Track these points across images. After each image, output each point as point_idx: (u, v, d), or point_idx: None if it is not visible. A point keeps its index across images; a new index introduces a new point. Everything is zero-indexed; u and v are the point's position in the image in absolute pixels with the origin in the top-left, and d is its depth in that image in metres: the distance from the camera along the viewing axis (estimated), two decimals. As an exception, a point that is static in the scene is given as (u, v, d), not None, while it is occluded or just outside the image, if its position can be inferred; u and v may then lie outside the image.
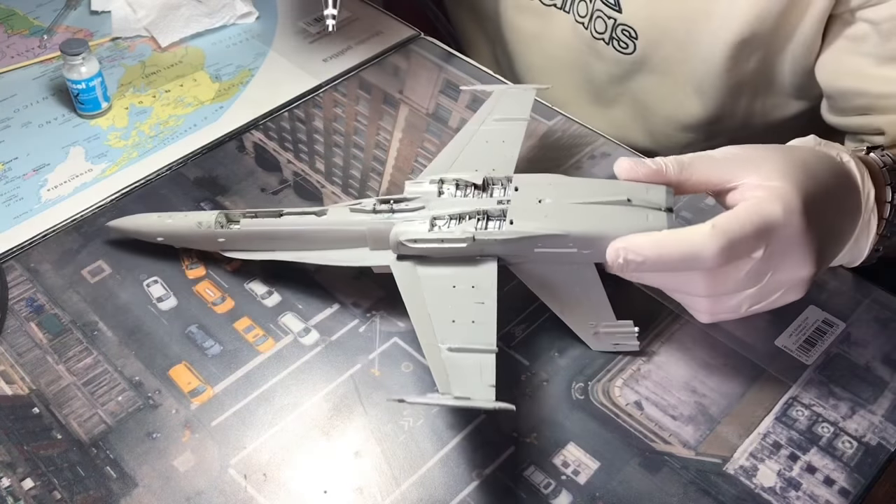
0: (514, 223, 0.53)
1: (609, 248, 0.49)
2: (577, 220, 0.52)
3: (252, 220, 0.59)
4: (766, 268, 0.49)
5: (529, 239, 0.52)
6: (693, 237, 0.48)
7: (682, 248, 0.48)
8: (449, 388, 0.48)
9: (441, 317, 0.52)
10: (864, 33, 0.66)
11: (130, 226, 0.63)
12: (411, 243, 0.54)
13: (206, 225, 0.60)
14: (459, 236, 0.53)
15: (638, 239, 0.49)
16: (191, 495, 0.52)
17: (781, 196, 0.48)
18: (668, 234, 0.49)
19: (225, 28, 0.85)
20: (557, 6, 0.81)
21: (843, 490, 0.52)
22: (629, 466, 0.53)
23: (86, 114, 0.75)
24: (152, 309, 0.61)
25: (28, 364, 0.58)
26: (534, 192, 0.54)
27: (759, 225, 0.47)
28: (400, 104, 0.78)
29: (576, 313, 0.57)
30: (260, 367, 0.58)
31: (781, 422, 0.56)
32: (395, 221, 0.55)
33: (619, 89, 0.83)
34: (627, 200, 0.52)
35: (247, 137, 0.74)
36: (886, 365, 0.59)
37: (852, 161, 0.55)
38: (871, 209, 0.56)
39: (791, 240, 0.49)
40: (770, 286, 0.50)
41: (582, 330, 0.58)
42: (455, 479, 0.53)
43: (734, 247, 0.47)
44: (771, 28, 0.69)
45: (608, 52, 0.79)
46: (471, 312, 0.52)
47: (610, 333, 0.57)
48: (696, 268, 0.48)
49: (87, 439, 0.54)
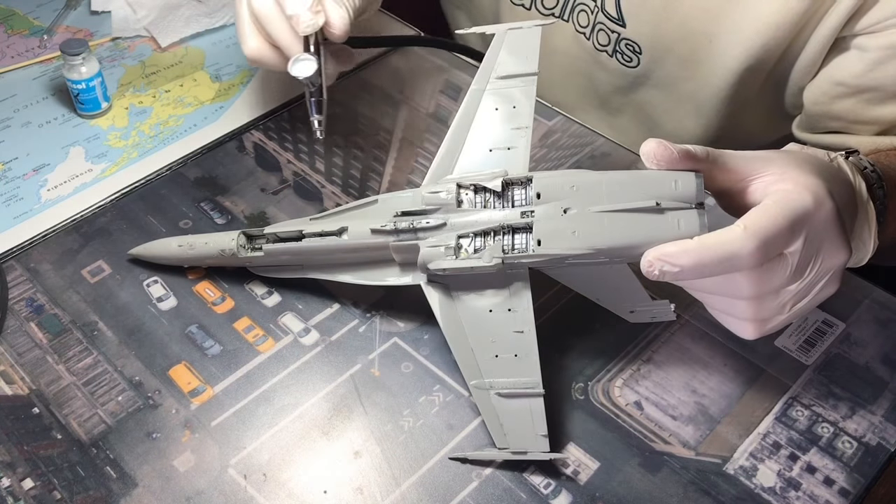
0: (542, 243, 0.51)
1: (643, 261, 0.48)
2: (606, 234, 0.50)
3: (274, 247, 0.58)
4: (808, 257, 0.48)
5: (559, 258, 0.51)
6: (727, 241, 0.46)
7: (717, 253, 0.46)
8: (506, 442, 0.52)
9: (484, 353, 0.53)
10: (852, 61, 0.67)
11: (151, 253, 0.63)
12: (440, 271, 0.54)
13: (229, 252, 0.60)
14: (488, 262, 0.52)
15: (671, 249, 0.47)
16: (191, 495, 0.52)
17: (807, 186, 0.48)
18: (701, 240, 0.47)
19: (225, 28, 0.85)
20: (556, 15, 0.81)
21: (842, 490, 0.52)
22: (629, 466, 0.53)
23: (86, 114, 0.75)
24: (152, 309, 0.61)
25: (28, 364, 0.58)
26: (557, 199, 0.51)
27: (791, 217, 0.47)
28: (400, 104, 0.78)
29: (611, 300, 0.56)
30: (260, 367, 0.58)
31: (781, 422, 0.56)
32: (418, 243, 0.54)
33: (623, 99, 0.83)
34: (657, 205, 0.49)
35: (247, 137, 0.74)
36: (886, 365, 0.59)
37: (840, 158, 0.56)
38: (865, 203, 0.56)
39: (826, 224, 0.48)
40: (812, 277, 0.49)
41: (619, 310, 0.56)
42: (455, 479, 0.53)
43: (769, 243, 0.46)
44: (777, 56, 0.70)
45: (612, 64, 0.79)
46: (512, 345, 0.53)
47: (646, 310, 0.56)
48: (735, 270, 0.47)
49: (87, 439, 0.54)
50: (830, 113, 0.70)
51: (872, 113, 0.68)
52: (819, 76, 0.70)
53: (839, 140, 0.70)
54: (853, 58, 0.66)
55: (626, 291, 0.55)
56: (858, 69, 0.66)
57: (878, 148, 0.67)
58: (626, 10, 0.75)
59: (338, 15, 0.62)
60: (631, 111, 0.84)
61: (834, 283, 0.50)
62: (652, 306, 0.55)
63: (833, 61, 0.68)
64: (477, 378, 0.53)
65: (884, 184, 0.58)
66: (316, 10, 0.61)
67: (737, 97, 0.74)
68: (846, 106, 0.68)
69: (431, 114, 0.77)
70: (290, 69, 0.61)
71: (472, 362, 0.53)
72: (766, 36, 0.68)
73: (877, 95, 0.67)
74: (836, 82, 0.68)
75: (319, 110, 0.62)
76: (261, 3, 0.62)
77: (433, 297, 0.55)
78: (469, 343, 0.54)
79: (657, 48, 0.75)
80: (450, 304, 0.55)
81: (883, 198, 0.57)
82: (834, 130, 0.71)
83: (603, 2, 0.76)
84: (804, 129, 0.74)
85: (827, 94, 0.69)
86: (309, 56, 0.61)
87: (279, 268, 0.61)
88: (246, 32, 0.64)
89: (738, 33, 0.69)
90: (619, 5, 0.75)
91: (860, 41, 0.66)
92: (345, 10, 0.62)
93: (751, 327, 0.51)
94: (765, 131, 0.79)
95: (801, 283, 0.49)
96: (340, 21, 0.62)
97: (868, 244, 0.57)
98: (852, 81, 0.67)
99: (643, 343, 0.60)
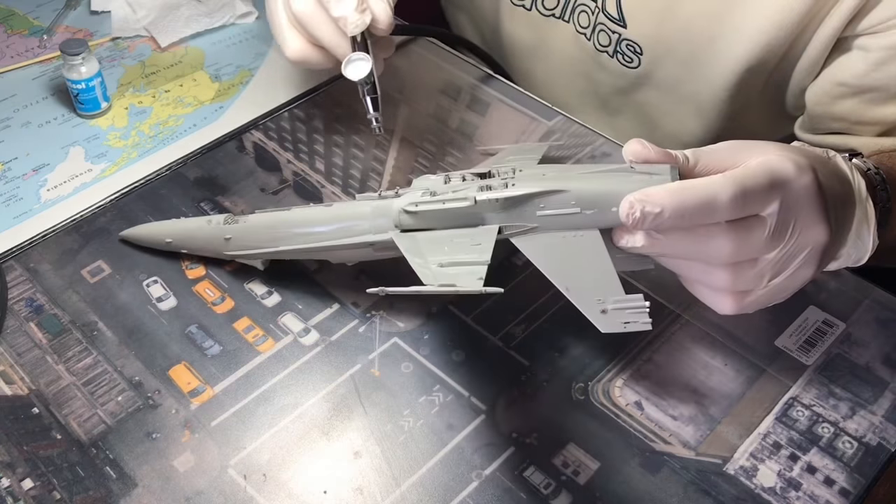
0: (515, 186, 0.52)
1: (623, 203, 0.47)
2: (579, 180, 0.51)
3: (257, 215, 0.60)
4: (786, 222, 0.48)
5: (530, 198, 0.51)
6: (708, 183, 0.47)
7: (698, 194, 0.47)
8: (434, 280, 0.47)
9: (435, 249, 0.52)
10: (854, 61, 0.67)
11: (141, 233, 0.64)
12: (412, 207, 0.53)
13: (214, 222, 0.60)
14: (461, 197, 0.52)
15: (654, 189, 0.47)
16: (190, 495, 0.52)
17: (790, 157, 0.49)
18: (682, 183, 0.48)
19: (225, 28, 0.85)
20: (556, 16, 0.81)
21: (843, 490, 0.52)
22: (629, 466, 0.53)
23: (85, 114, 0.75)
24: (152, 309, 0.61)
25: (28, 364, 0.58)
26: (537, 170, 0.53)
27: (770, 176, 0.48)
28: (400, 104, 0.78)
29: (582, 287, 0.53)
30: (260, 367, 0.58)
31: (781, 422, 0.56)
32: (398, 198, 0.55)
33: (624, 100, 0.83)
34: (630, 168, 0.50)
35: (247, 137, 0.74)
36: (886, 365, 0.59)
37: (838, 157, 0.56)
38: (864, 201, 0.56)
39: (806, 193, 0.49)
40: (790, 249, 0.49)
41: (589, 308, 0.52)
42: (455, 479, 0.53)
43: (748, 192, 0.47)
44: (779, 56, 0.69)
45: (612, 65, 0.79)
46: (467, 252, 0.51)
47: (619, 310, 0.52)
48: (714, 217, 0.47)
49: (87, 439, 0.54)
50: (832, 113, 0.70)
51: (874, 113, 0.68)
52: (821, 76, 0.70)
53: (841, 141, 0.70)
54: (855, 58, 0.66)
55: (599, 276, 0.52)
56: (860, 69, 0.66)
57: (880, 149, 0.67)
58: (627, 10, 0.75)
59: (382, 10, 0.62)
60: (631, 112, 0.84)
61: (812, 265, 0.50)
62: (625, 303, 0.52)
63: (835, 62, 0.68)
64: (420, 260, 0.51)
65: (887, 186, 0.58)
66: (362, 8, 0.61)
67: (738, 98, 0.74)
68: (848, 106, 0.68)
69: (431, 114, 0.77)
70: (345, 72, 0.61)
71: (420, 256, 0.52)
72: (768, 36, 0.68)
73: (879, 95, 0.67)
74: (838, 82, 0.68)
75: (376, 107, 0.62)
76: (302, 5, 0.62)
77: (402, 242, 0.54)
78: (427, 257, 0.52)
79: (658, 49, 0.75)
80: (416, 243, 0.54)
81: (886, 200, 0.57)
82: (836, 131, 0.71)
83: (604, 2, 0.76)
84: (806, 129, 0.74)
85: (829, 95, 0.69)
86: (361, 55, 0.61)
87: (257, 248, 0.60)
88: (286, 35, 0.64)
89: (740, 34, 0.69)
90: (620, 6, 0.75)
91: (862, 41, 0.66)
92: (386, 3, 0.62)
93: (728, 300, 0.51)
94: (766, 132, 0.79)
95: (778, 251, 0.49)
96: (385, 15, 0.62)
97: (867, 242, 0.57)
98: (854, 81, 0.67)
99: (643, 343, 0.60)
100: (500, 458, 0.54)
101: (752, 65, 0.70)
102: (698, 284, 0.52)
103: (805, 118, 0.74)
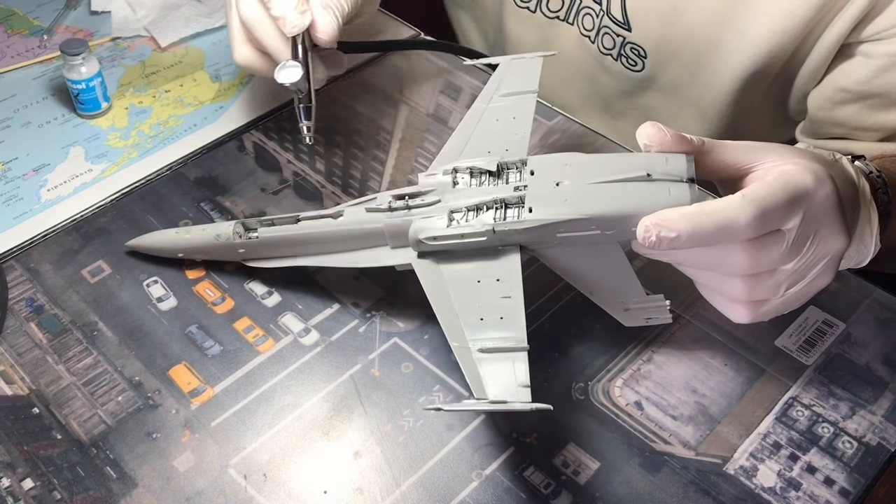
0: (532, 211, 0.51)
1: (640, 226, 0.47)
2: (597, 201, 0.50)
3: (270, 229, 0.59)
4: (805, 235, 0.48)
5: (550, 226, 0.51)
6: (726, 207, 0.46)
7: (715, 219, 0.46)
8: (484, 393, 0.47)
9: (469, 316, 0.51)
10: (856, 67, 0.67)
11: (149, 243, 0.63)
12: (431, 241, 0.53)
13: (224, 237, 0.60)
14: (479, 230, 0.52)
15: (669, 214, 0.47)
16: (191, 495, 0.52)
17: (808, 167, 0.48)
18: (699, 206, 0.47)
19: (225, 28, 0.85)
20: (561, 18, 0.81)
21: (843, 490, 0.52)
22: (629, 466, 0.53)
23: (86, 114, 0.75)
24: (152, 309, 0.61)
25: (28, 364, 0.58)
26: (550, 174, 0.52)
27: (791, 193, 0.46)
28: (400, 104, 0.78)
29: (604, 293, 0.55)
30: (260, 367, 0.58)
31: (781, 422, 0.56)
32: (412, 218, 0.54)
33: (627, 103, 0.83)
34: (647, 175, 0.50)
35: (247, 137, 0.74)
36: (886, 365, 0.59)
37: (844, 159, 0.56)
38: (868, 203, 0.56)
39: (826, 205, 0.48)
40: (808, 260, 0.48)
41: (612, 308, 0.55)
42: (455, 479, 0.53)
43: (767, 213, 0.46)
44: (782, 62, 0.70)
45: (616, 68, 0.79)
46: (498, 309, 0.51)
47: (641, 308, 0.55)
48: (731, 240, 0.47)
49: (87, 439, 0.54)
50: (833, 119, 0.70)
51: (875, 119, 0.68)
52: (823, 82, 0.70)
53: (843, 146, 0.70)
54: (858, 64, 0.66)
55: (621, 282, 0.54)
56: (863, 75, 0.66)
57: (883, 153, 0.67)
58: (631, 14, 0.75)
59: (325, 20, 0.61)
60: (634, 115, 0.84)
61: (829, 272, 0.50)
62: (647, 303, 0.54)
63: (838, 67, 0.68)
64: (459, 340, 0.51)
65: (888, 189, 0.58)
66: (301, 10, 0.60)
67: (741, 102, 0.74)
68: (849, 112, 0.68)
69: (431, 114, 0.77)
70: (276, 76, 0.61)
71: (455, 325, 0.51)
72: (772, 42, 0.68)
73: (880, 102, 0.67)
74: (841, 88, 0.68)
75: (308, 116, 0.62)
76: (248, 10, 0.62)
77: (422, 270, 0.54)
78: (455, 308, 0.52)
79: (662, 52, 0.75)
80: (438, 276, 0.54)
81: (887, 203, 0.57)
82: (837, 136, 0.71)
83: (608, 5, 0.76)
84: (807, 134, 0.74)
85: (831, 100, 0.69)
86: (295, 63, 0.61)
87: (271, 258, 0.61)
88: (236, 39, 0.64)
89: (745, 38, 0.69)
90: (625, 9, 0.75)
91: (866, 48, 0.66)
92: (332, 15, 0.62)
93: (744, 310, 0.51)
94: (768, 137, 0.79)
95: (797, 262, 0.48)
96: (328, 26, 0.61)
97: (870, 245, 0.57)
98: (856, 87, 0.67)
99: (643, 343, 0.60)
100: (500, 458, 0.54)
101: (756, 70, 0.70)
102: (714, 293, 0.52)
103: (806, 123, 0.74)
